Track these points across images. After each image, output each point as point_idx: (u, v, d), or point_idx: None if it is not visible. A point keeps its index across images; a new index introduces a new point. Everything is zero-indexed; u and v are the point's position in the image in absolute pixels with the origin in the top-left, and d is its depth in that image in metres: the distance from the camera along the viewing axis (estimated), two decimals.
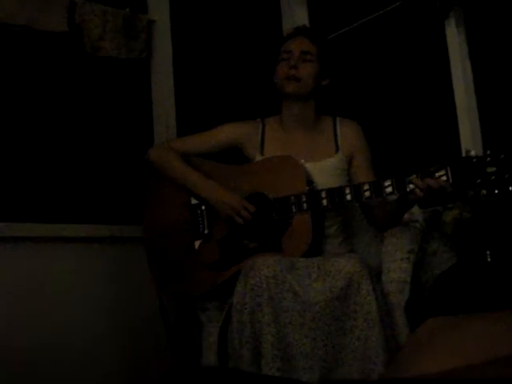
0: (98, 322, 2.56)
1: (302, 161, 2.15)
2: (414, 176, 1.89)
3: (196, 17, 3.12)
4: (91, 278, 2.59)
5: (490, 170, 1.76)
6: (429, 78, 2.84)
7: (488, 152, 1.79)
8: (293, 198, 2.04)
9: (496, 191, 1.75)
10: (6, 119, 2.53)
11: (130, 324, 2.63)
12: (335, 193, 2.01)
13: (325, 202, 2.01)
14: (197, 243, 2.17)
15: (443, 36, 2.76)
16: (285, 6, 3.48)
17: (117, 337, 2.60)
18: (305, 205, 2.03)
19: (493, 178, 1.76)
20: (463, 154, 1.87)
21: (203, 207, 2.19)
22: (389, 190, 1.93)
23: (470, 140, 2.63)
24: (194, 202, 2.21)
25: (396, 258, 2.07)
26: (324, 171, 2.16)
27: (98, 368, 2.51)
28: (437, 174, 1.85)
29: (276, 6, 3.47)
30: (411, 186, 1.89)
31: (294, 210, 2.04)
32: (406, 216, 2.12)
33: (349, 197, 1.98)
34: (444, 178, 1.84)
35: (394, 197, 2.02)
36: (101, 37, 2.70)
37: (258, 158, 2.23)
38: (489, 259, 2.08)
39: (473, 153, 1.82)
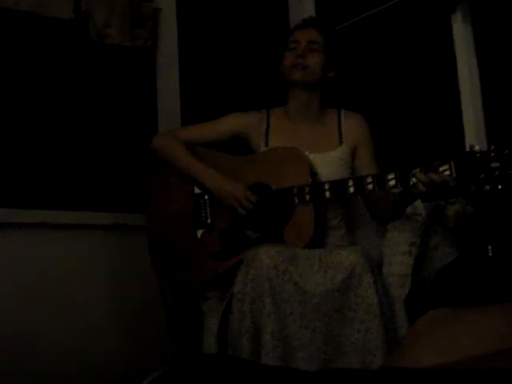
0: (99, 308, 2.58)
1: (307, 152, 2.15)
2: (418, 170, 1.89)
3: (202, 6, 3.11)
4: (93, 265, 2.59)
5: (494, 165, 1.76)
6: (434, 71, 2.84)
7: (492, 147, 1.79)
8: (295, 189, 2.04)
9: (499, 186, 1.74)
10: (11, 106, 2.53)
11: (131, 311, 2.64)
12: (338, 185, 2.01)
13: (327, 193, 2.01)
14: (199, 232, 2.18)
15: (449, 30, 2.75)
16: None
17: (118, 323, 2.61)
18: (307, 196, 2.03)
19: (496, 173, 1.76)
20: (467, 149, 1.87)
21: (206, 197, 2.19)
22: (392, 183, 1.93)
23: (474, 135, 2.62)
24: (197, 191, 2.22)
25: (398, 252, 2.07)
26: (328, 163, 2.16)
27: (98, 354, 2.52)
28: (440, 169, 1.85)
29: None
30: (414, 179, 1.89)
31: (296, 201, 2.04)
32: (409, 209, 2.12)
33: (352, 189, 1.99)
34: (447, 172, 1.84)
35: (396, 190, 2.02)
36: (106, 24, 2.69)
37: (263, 148, 2.23)
38: (490, 254, 2.08)
39: (477, 148, 1.82)
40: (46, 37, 2.63)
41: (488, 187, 1.77)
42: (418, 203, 2.14)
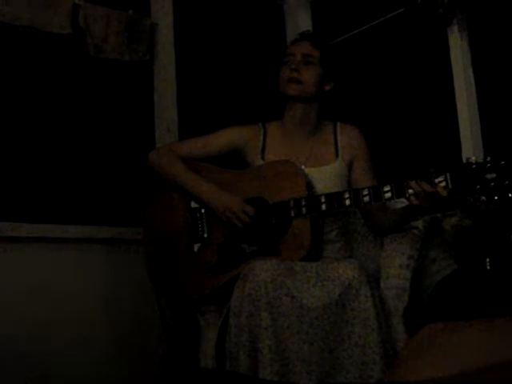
0: (96, 321, 2.56)
1: (303, 166, 2.15)
2: (413, 182, 1.88)
3: (199, 21, 3.13)
4: (91, 279, 2.59)
5: (490, 176, 1.75)
6: (431, 84, 2.85)
7: (488, 158, 1.78)
8: (292, 202, 2.04)
9: (495, 198, 1.73)
10: (10, 120, 2.53)
11: (129, 324, 2.62)
12: (334, 197, 2.01)
13: (324, 206, 2.01)
14: (196, 247, 2.17)
15: (446, 43, 2.77)
16: (288, 11, 3.49)
17: (115, 337, 2.60)
18: (304, 209, 2.02)
19: (492, 184, 1.75)
20: (464, 161, 1.86)
21: (203, 211, 2.19)
22: (388, 195, 1.92)
23: (471, 146, 2.63)
24: (193, 205, 2.21)
25: (395, 265, 2.06)
26: (324, 177, 2.16)
27: (93, 367, 2.51)
28: (436, 180, 1.84)
29: (280, 11, 3.48)
30: (410, 191, 1.89)
31: (292, 214, 2.03)
32: None
33: (348, 202, 1.98)
34: (443, 184, 1.83)
35: (393, 203, 2.02)
36: (104, 39, 2.70)
37: (259, 162, 2.23)
38: (488, 267, 2.08)
39: (472, 159, 1.81)
40: (43, 51, 2.64)
41: (484, 198, 1.76)
42: None
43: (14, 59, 2.57)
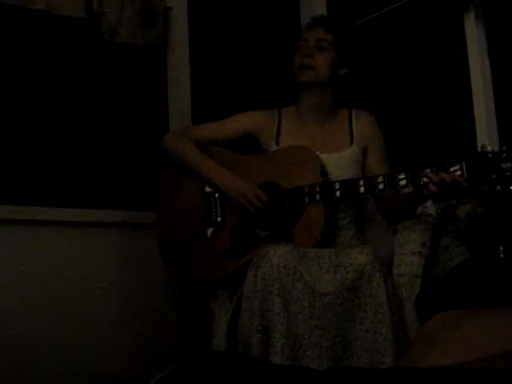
0: (108, 305, 2.58)
1: (318, 152, 2.15)
2: (429, 170, 1.88)
3: (213, 4, 3.11)
4: (104, 262, 2.60)
5: (506, 165, 1.75)
6: (446, 70, 2.82)
7: (504, 147, 1.78)
8: (306, 188, 2.04)
9: (511, 187, 1.73)
10: (24, 103, 2.55)
11: (141, 308, 2.64)
12: (349, 184, 2.01)
13: (338, 193, 2.01)
14: (209, 231, 2.18)
15: (462, 28, 2.74)
16: None
17: (127, 321, 2.62)
18: (318, 196, 2.03)
19: (508, 174, 1.75)
20: (479, 149, 1.86)
21: (217, 195, 2.19)
22: (403, 182, 1.93)
23: (486, 135, 2.60)
24: (207, 189, 2.22)
25: (408, 252, 2.06)
26: (338, 163, 2.15)
27: (107, 350, 2.53)
28: (451, 169, 1.84)
29: None
30: (425, 179, 1.89)
31: (306, 200, 2.04)
32: (419, 209, 2.12)
33: (362, 189, 1.98)
34: (459, 172, 1.83)
35: (407, 190, 2.01)
36: (118, 23, 2.70)
37: (274, 147, 2.23)
38: (501, 255, 2.07)
39: (488, 148, 1.81)
40: (58, 35, 2.65)
41: (500, 188, 1.76)
42: (429, 203, 2.13)
43: (28, 43, 2.58)
